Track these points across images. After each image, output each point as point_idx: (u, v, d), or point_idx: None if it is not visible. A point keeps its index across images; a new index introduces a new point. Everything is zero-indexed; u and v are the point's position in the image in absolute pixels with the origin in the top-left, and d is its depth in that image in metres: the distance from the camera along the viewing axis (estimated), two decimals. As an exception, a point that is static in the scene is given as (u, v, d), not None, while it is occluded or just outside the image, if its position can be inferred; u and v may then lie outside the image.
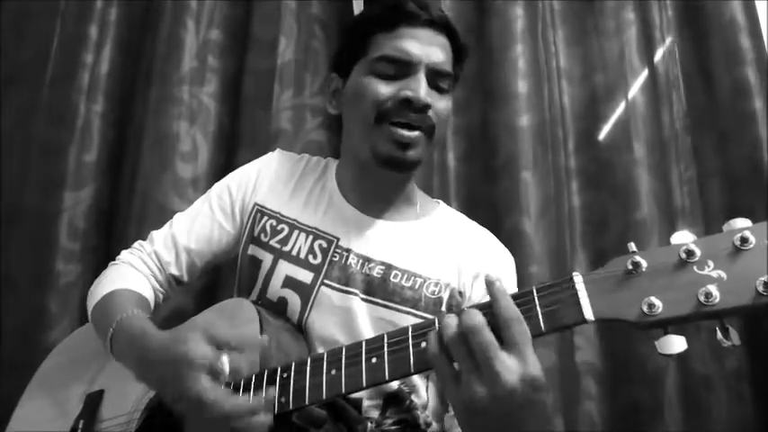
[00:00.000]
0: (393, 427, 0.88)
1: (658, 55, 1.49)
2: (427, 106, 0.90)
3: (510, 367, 0.58)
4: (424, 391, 0.93)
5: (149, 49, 1.48)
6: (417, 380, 0.92)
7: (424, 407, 0.92)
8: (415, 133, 0.90)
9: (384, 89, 0.91)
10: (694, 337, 1.30)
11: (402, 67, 0.92)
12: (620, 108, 1.47)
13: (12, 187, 1.39)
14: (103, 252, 1.37)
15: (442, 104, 0.94)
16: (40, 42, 1.47)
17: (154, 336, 0.79)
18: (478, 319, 0.59)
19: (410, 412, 0.90)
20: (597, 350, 1.34)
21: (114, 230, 1.39)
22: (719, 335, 0.56)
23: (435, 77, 0.93)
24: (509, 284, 1.01)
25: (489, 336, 0.59)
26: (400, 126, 0.90)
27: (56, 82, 1.44)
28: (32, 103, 1.43)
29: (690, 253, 0.57)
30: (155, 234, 1.04)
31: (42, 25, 1.48)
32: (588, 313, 0.59)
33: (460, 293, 0.96)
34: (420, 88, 0.90)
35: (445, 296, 0.94)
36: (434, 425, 0.92)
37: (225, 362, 0.70)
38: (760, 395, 1.29)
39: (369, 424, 0.86)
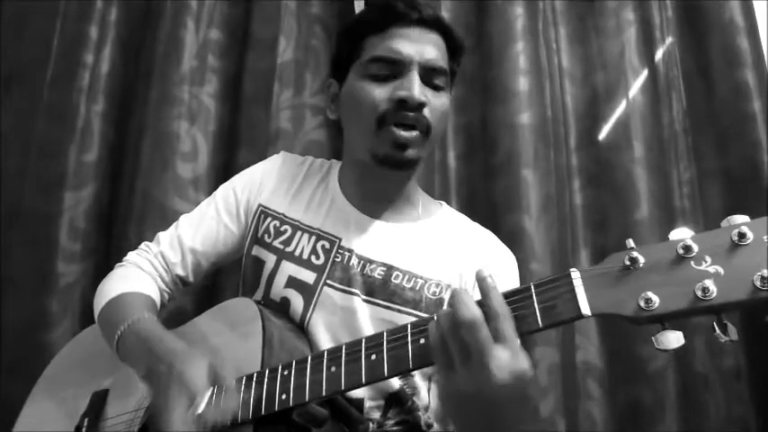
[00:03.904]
0: (394, 428, 0.88)
1: (658, 55, 1.49)
2: (422, 104, 0.90)
3: (501, 361, 0.58)
4: (425, 393, 0.93)
5: (149, 49, 1.48)
6: (419, 381, 0.92)
7: (426, 408, 0.92)
8: (414, 133, 0.90)
9: (379, 92, 0.91)
10: (695, 337, 1.30)
11: (395, 67, 0.92)
12: (621, 107, 1.47)
13: (12, 187, 1.38)
14: (104, 252, 1.37)
15: (437, 102, 0.93)
16: (40, 42, 1.47)
17: (163, 338, 0.81)
18: (475, 312, 0.59)
19: (411, 413, 0.90)
20: (598, 350, 1.34)
21: (114, 230, 1.39)
22: (717, 330, 0.56)
23: (429, 75, 0.93)
24: (511, 285, 1.01)
25: (484, 329, 0.59)
26: (399, 127, 0.90)
27: (56, 82, 1.44)
28: (32, 103, 1.42)
29: (687, 248, 0.57)
30: (161, 235, 1.05)
31: (42, 25, 1.48)
32: (585, 308, 0.60)
33: (462, 295, 0.96)
34: (414, 87, 0.89)
35: (446, 297, 0.94)
36: (435, 426, 0.92)
37: (204, 401, 0.72)
38: (759, 395, 1.30)
39: (370, 424, 0.86)
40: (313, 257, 0.95)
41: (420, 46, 0.92)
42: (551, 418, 1.23)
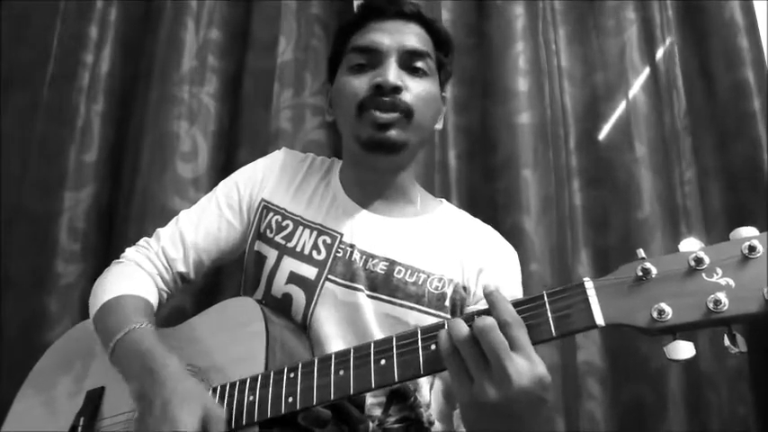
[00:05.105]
0: (396, 425, 0.88)
1: (659, 54, 1.49)
2: (397, 88, 0.92)
3: (520, 367, 0.58)
4: (427, 391, 0.93)
5: (149, 49, 1.48)
6: (421, 379, 0.92)
7: (428, 406, 0.92)
8: (393, 114, 0.92)
9: (358, 82, 0.94)
10: (698, 337, 1.30)
11: (373, 58, 0.95)
12: (621, 107, 1.47)
13: (12, 187, 1.38)
14: (103, 252, 1.37)
15: (417, 86, 0.94)
16: (39, 42, 1.47)
17: (161, 359, 0.77)
18: (489, 320, 0.60)
19: (414, 410, 0.89)
20: (599, 349, 1.34)
21: (114, 231, 1.39)
22: (727, 341, 0.57)
23: (409, 59, 0.95)
24: (513, 279, 1.02)
25: (500, 336, 0.59)
26: (378, 110, 0.92)
27: (56, 82, 1.43)
28: (32, 103, 1.42)
29: (699, 260, 0.57)
30: (161, 231, 1.03)
31: (42, 25, 1.48)
32: (599, 319, 0.60)
33: (464, 288, 0.96)
34: (388, 72, 0.92)
35: (449, 291, 0.94)
36: (437, 424, 0.92)
37: None
38: (761, 396, 1.29)
39: (371, 423, 0.86)
40: (314, 252, 0.95)
41: (398, 36, 0.95)
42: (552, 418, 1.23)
